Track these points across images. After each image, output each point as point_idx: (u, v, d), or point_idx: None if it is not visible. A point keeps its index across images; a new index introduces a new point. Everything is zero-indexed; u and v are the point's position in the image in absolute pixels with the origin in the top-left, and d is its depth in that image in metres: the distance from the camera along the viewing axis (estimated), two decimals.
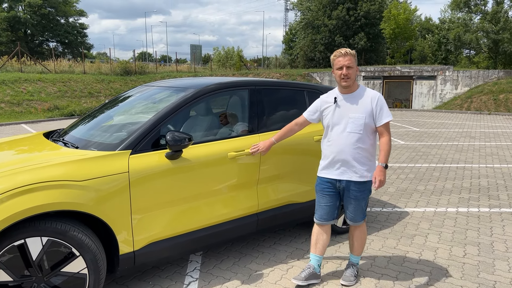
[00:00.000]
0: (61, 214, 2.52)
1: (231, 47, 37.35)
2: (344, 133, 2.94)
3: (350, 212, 3.08)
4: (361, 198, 3.02)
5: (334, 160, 3.00)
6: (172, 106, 3.10)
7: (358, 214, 3.07)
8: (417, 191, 5.78)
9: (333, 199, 3.09)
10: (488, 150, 9.25)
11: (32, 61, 25.83)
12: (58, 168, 2.51)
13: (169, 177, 2.88)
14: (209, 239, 3.17)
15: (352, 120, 2.93)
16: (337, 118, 2.99)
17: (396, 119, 17.00)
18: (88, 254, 2.52)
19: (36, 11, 42.34)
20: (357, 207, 3.04)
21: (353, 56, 2.94)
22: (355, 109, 2.94)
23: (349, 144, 2.93)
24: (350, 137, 2.93)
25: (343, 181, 3.00)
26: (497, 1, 31.30)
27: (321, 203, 3.12)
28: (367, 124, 2.92)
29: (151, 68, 29.89)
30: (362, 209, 3.07)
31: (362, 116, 2.91)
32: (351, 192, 3.01)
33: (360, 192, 3.00)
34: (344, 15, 34.55)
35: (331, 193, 3.08)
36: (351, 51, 2.95)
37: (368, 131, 2.95)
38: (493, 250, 3.80)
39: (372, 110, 2.92)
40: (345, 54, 2.92)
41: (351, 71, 2.93)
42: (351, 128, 2.92)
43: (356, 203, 3.03)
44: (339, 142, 2.96)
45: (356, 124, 2.91)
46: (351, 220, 3.11)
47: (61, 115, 16.82)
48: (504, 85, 21.62)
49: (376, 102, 2.93)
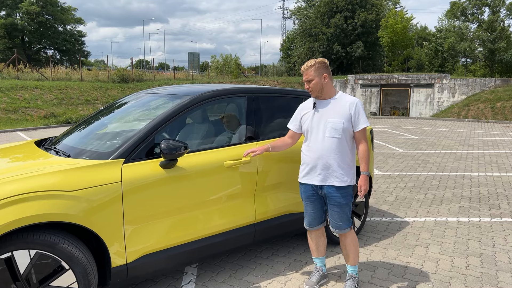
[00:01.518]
0: (50, 226, 2.42)
1: (229, 54, 37.41)
2: (323, 138, 2.95)
3: (335, 220, 3.03)
4: (344, 204, 2.98)
5: (314, 166, 2.99)
6: (167, 113, 3.02)
7: (344, 221, 3.01)
8: (416, 200, 5.70)
9: (318, 205, 3.09)
10: (487, 158, 9.20)
11: (29, 68, 25.76)
12: (48, 178, 2.42)
13: (163, 187, 2.79)
14: (205, 250, 3.07)
15: (330, 124, 2.93)
16: (315, 123, 2.99)
17: (394, 127, 16.97)
18: (78, 267, 2.42)
19: (33, 18, 42.33)
20: (342, 213, 2.99)
21: (313, 68, 2.95)
22: (333, 114, 2.95)
23: (329, 149, 2.93)
24: (329, 142, 2.93)
25: (324, 187, 2.98)
26: (494, 10, 31.55)
27: (307, 210, 3.14)
28: (346, 128, 2.92)
29: (149, 75, 29.86)
30: (347, 216, 3.02)
31: (341, 120, 2.92)
32: (334, 199, 2.97)
33: (343, 198, 2.97)
34: (342, 23, 34.75)
35: (315, 199, 3.08)
36: (311, 64, 2.96)
37: (347, 136, 2.95)
38: (496, 261, 3.72)
39: (350, 115, 2.93)
40: (305, 69, 2.98)
41: (311, 85, 2.96)
42: (330, 133, 2.92)
43: (340, 209, 2.98)
44: (319, 147, 2.96)
45: (334, 129, 2.91)
46: (337, 229, 3.04)
47: (57, 123, 16.70)
48: (501, 93, 21.68)
49: (354, 108, 2.93)
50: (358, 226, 4.16)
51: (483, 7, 32.01)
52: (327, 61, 3.03)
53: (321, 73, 2.95)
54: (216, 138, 3.46)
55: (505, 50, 30.19)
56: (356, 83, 25.48)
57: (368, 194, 4.31)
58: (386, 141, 12.19)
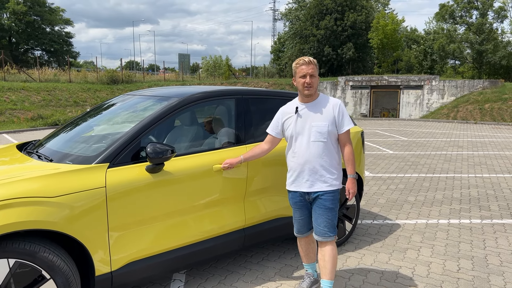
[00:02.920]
0: (30, 234, 2.33)
1: (219, 56, 37.26)
2: (309, 143, 2.84)
3: (320, 225, 2.87)
4: (331, 208, 2.87)
5: (301, 172, 2.88)
6: (154, 116, 2.94)
7: (329, 228, 2.86)
8: (407, 202, 5.68)
9: (306, 211, 2.99)
10: (476, 159, 9.25)
11: (16, 70, 25.34)
12: (28, 184, 2.32)
13: (150, 192, 2.71)
14: (193, 257, 2.99)
15: (315, 128, 2.82)
16: (300, 128, 2.87)
17: (384, 129, 17.04)
18: (59, 276, 2.32)
19: (21, 19, 41.74)
20: (328, 219, 2.86)
21: (315, 65, 2.86)
22: (317, 117, 2.85)
23: (315, 154, 2.83)
24: (315, 146, 2.83)
25: (312, 193, 2.87)
26: (482, 13, 31.96)
27: (296, 216, 3.05)
28: (331, 131, 2.84)
29: (139, 77, 29.61)
30: (333, 222, 2.88)
31: (325, 124, 2.82)
32: (322, 202, 2.85)
33: (330, 202, 2.86)
34: (332, 25, 34.88)
35: (302, 206, 2.98)
36: (314, 60, 2.86)
37: (332, 139, 2.86)
38: (488, 264, 3.69)
39: (334, 117, 2.85)
40: (309, 62, 2.82)
41: (314, 80, 2.83)
42: (315, 137, 2.82)
43: (326, 214, 2.86)
44: (305, 152, 2.85)
45: (319, 132, 2.82)
46: (322, 235, 2.86)
47: (44, 125, 16.44)
48: (489, 94, 21.94)
49: (338, 109, 2.86)
50: (349, 230, 4.11)
51: (471, 10, 32.42)
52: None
53: (317, 71, 2.88)
54: (205, 141, 3.38)
55: (493, 52, 30.60)
56: (346, 84, 25.56)
57: (359, 197, 4.26)
58: (377, 142, 12.21)
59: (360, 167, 4.21)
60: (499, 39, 32.78)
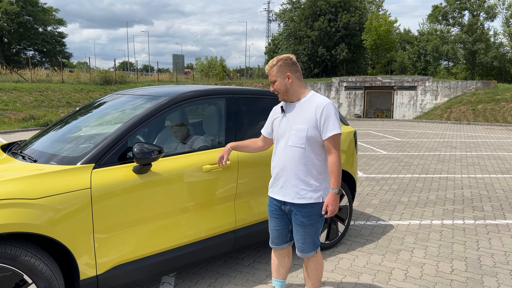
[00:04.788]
0: (11, 237, 2.25)
1: (214, 57, 37.19)
2: (286, 147, 2.58)
3: (298, 241, 2.64)
4: (308, 225, 2.57)
5: (277, 178, 2.65)
6: (142, 115, 2.87)
7: (307, 244, 2.62)
8: (401, 202, 5.64)
9: (282, 222, 2.71)
10: (469, 160, 9.26)
11: (8, 70, 25.08)
12: (9, 185, 2.24)
13: (136, 193, 2.64)
14: (182, 259, 2.92)
15: (294, 132, 2.54)
16: (282, 129, 2.62)
17: (377, 129, 17.05)
18: (42, 281, 2.24)
19: (13, 19, 41.32)
20: (305, 235, 2.60)
21: (275, 67, 2.58)
22: (299, 120, 2.55)
23: (291, 160, 2.54)
24: (291, 152, 2.54)
25: (287, 204, 2.61)
26: (473, 14, 32.20)
27: (271, 226, 2.78)
28: (311, 137, 2.50)
29: (132, 77, 29.44)
30: (312, 238, 2.61)
31: (305, 127, 2.51)
32: (296, 217, 2.59)
33: (306, 217, 2.56)
34: (325, 26, 34.92)
35: (278, 215, 2.71)
36: (273, 63, 2.60)
37: (313, 145, 2.53)
38: (481, 265, 3.66)
39: (316, 121, 2.50)
40: (271, 66, 2.60)
41: (275, 86, 2.60)
42: (293, 142, 2.54)
43: (303, 230, 2.59)
44: (282, 157, 2.59)
45: (298, 136, 2.52)
46: (301, 252, 2.66)
47: (36, 125, 16.27)
48: (482, 95, 22.06)
49: (321, 112, 2.48)
50: (342, 231, 4.06)
51: (463, 10, 32.65)
52: (293, 57, 2.61)
53: (284, 72, 2.56)
54: (196, 141, 3.31)
55: (485, 52, 30.82)
56: (340, 85, 25.60)
57: (352, 198, 4.21)
58: (370, 143, 12.20)
59: (353, 167, 4.16)
60: (491, 40, 33.06)
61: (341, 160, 2.58)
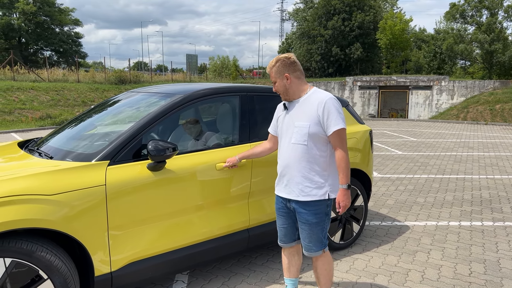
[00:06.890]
0: (27, 232, 2.27)
1: (226, 56, 37.27)
2: (289, 145, 2.57)
3: (304, 240, 2.62)
4: (314, 223, 2.54)
5: (281, 176, 2.64)
6: (156, 113, 2.87)
7: (314, 243, 2.59)
8: (417, 203, 5.55)
9: (289, 220, 2.70)
10: (487, 160, 9.06)
11: (26, 70, 25.55)
12: (25, 181, 2.26)
13: (151, 191, 2.64)
14: (196, 257, 2.91)
15: (296, 129, 2.53)
16: (285, 127, 2.62)
17: (392, 129, 16.85)
18: (57, 277, 2.26)
19: (31, 19, 42.04)
20: (311, 234, 2.57)
21: (274, 68, 2.58)
22: (301, 117, 2.53)
23: (294, 157, 2.53)
24: (294, 149, 2.53)
25: (292, 202, 2.61)
26: (492, 13, 31.56)
27: (278, 224, 2.78)
28: (313, 134, 2.48)
29: (146, 77, 29.68)
30: (318, 237, 2.58)
31: (306, 124, 2.49)
32: (301, 215, 2.57)
33: (312, 215, 2.53)
34: (339, 25, 34.69)
35: (285, 213, 2.70)
36: (272, 64, 2.59)
37: (316, 142, 2.50)
38: (500, 268, 3.57)
39: (318, 117, 2.48)
40: (271, 67, 2.60)
41: (275, 87, 2.62)
42: (296, 139, 2.52)
43: (309, 229, 2.56)
44: (285, 155, 2.59)
45: (300, 134, 2.51)
46: (307, 251, 2.63)
47: (52, 124, 16.52)
48: (500, 95, 21.61)
49: (323, 108, 2.46)
50: (357, 231, 4.00)
51: (482, 9, 32.03)
52: (292, 56, 2.59)
53: (282, 73, 2.55)
54: (210, 139, 3.30)
55: (502, 52, 30.17)
56: (354, 85, 25.37)
57: (367, 198, 4.15)
58: (385, 143, 12.06)
59: (368, 167, 4.10)
60: (509, 39, 32.34)
61: (348, 156, 2.55)
